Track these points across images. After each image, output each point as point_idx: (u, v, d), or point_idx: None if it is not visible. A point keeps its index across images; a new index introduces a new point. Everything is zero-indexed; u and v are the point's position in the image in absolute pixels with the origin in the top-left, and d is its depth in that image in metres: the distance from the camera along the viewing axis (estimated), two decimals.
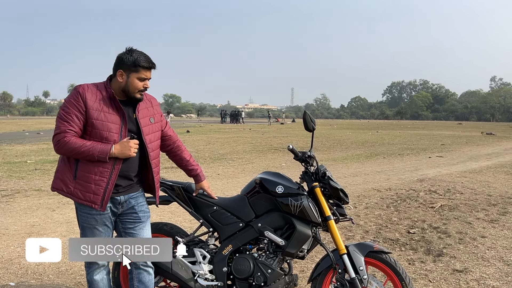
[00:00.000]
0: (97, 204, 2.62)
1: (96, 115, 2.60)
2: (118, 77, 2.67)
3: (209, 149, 16.87)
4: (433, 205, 7.06)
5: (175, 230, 3.30)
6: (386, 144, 20.81)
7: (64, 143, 2.53)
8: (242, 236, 3.05)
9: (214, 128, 37.51)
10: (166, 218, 5.90)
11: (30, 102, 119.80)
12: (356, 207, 7.02)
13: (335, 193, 3.00)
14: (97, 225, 2.71)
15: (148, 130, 2.79)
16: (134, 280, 2.90)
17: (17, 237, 5.21)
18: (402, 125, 53.44)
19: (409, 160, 14.13)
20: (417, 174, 10.69)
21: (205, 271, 3.08)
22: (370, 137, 26.87)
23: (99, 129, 2.60)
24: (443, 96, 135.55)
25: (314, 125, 3.04)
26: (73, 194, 2.62)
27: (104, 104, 2.63)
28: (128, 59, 2.64)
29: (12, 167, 11.19)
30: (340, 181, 9.49)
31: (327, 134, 29.67)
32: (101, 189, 2.61)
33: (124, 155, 2.62)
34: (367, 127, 46.34)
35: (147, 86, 2.72)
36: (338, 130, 37.06)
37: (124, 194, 2.75)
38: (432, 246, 4.97)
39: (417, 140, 23.95)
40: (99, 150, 2.55)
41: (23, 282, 3.92)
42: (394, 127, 47.14)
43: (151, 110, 2.86)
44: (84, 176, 2.60)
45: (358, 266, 2.84)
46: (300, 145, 19.10)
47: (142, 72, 2.65)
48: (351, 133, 31.76)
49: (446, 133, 33.56)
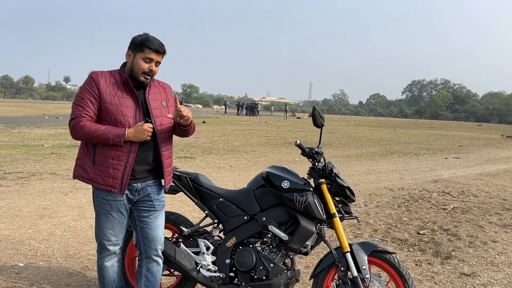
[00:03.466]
0: (116, 188, 2.64)
1: (110, 99, 2.61)
2: (127, 57, 2.70)
3: (224, 141, 16.91)
4: (446, 207, 6.96)
5: (181, 220, 3.31)
6: (402, 143, 20.58)
7: (79, 127, 2.56)
8: (246, 229, 3.05)
9: (230, 119, 37.55)
10: (176, 207, 5.96)
11: (51, 87, 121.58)
12: (367, 205, 6.96)
13: (342, 191, 2.97)
14: (112, 211, 2.73)
15: (159, 113, 2.77)
16: (143, 268, 2.91)
17: (29, 219, 5.31)
18: (420, 124, 52.75)
19: (425, 160, 13.95)
20: (432, 175, 10.55)
21: (208, 262, 3.09)
22: (386, 135, 26.62)
23: (113, 113, 2.61)
24: (464, 97, 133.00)
25: (323, 121, 3.01)
26: (93, 180, 2.65)
27: (117, 89, 2.65)
28: (137, 39, 2.67)
29: (30, 150, 11.39)
30: (352, 179, 9.53)
31: (343, 130, 29.47)
32: (119, 173, 2.63)
33: (138, 139, 2.63)
34: (384, 125, 45.85)
35: (153, 69, 2.69)
36: (355, 127, 36.77)
37: (141, 181, 2.76)
38: (441, 248, 4.91)
39: (435, 140, 23.63)
40: (114, 134, 2.57)
41: (32, 263, 3.99)
42: (412, 126, 46.55)
43: (163, 95, 2.86)
44: (102, 162, 2.63)
45: (361, 265, 2.81)
46: (315, 141, 18.99)
47: (148, 52, 2.64)
48: (368, 130, 31.48)
49: (465, 134, 33.04)
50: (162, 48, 2.69)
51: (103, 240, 2.79)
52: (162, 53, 2.71)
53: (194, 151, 13.03)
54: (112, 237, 2.79)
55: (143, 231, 2.86)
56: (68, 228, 5.01)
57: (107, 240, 2.79)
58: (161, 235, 2.91)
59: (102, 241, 2.80)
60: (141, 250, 2.92)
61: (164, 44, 2.72)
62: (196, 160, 11.26)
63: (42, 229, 4.92)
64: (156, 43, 2.66)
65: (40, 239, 4.62)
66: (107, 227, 2.76)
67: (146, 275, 2.92)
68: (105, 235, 2.78)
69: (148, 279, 2.92)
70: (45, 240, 4.58)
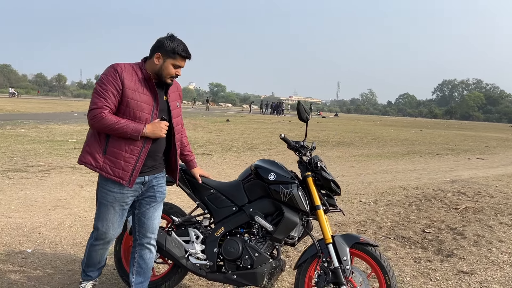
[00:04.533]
0: (125, 180, 2.73)
1: (132, 95, 2.69)
2: (155, 59, 2.75)
3: (244, 139, 17.05)
4: (457, 207, 6.87)
5: (174, 209, 3.43)
6: (426, 143, 20.23)
7: (100, 118, 2.63)
8: (234, 219, 3.15)
9: (254, 118, 37.71)
10: (175, 197, 6.09)
11: (82, 85, 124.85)
12: (376, 204, 6.95)
13: (327, 184, 3.02)
14: (115, 203, 2.82)
15: (176, 114, 2.92)
16: (136, 254, 3.05)
17: (43, 209, 5.55)
18: (449, 125, 51.62)
19: (447, 161, 13.71)
20: (451, 175, 10.38)
21: (197, 250, 3.20)
22: (412, 135, 26.20)
23: (133, 108, 2.70)
24: (497, 97, 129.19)
25: (308, 116, 3.08)
26: (102, 169, 2.72)
27: (139, 85, 2.73)
28: (168, 44, 2.73)
29: (54, 145, 11.80)
30: (367, 178, 9.50)
31: (367, 130, 29.17)
32: (130, 166, 2.72)
33: (155, 135, 2.73)
34: (411, 125, 45.09)
35: (179, 74, 2.81)
36: (380, 126, 36.32)
37: (149, 174, 2.86)
38: (444, 247, 4.88)
39: (461, 141, 23.13)
40: (133, 129, 2.66)
41: (39, 249, 4.20)
42: (440, 126, 45.61)
43: (177, 95, 2.99)
44: (115, 153, 2.71)
45: (342, 256, 2.86)
46: (336, 139, 18.92)
47: (178, 60, 2.75)
48: (393, 130, 31.05)
49: (494, 135, 32.16)
50: (189, 55, 2.81)
51: (102, 230, 2.89)
52: (189, 58, 2.83)
53: (212, 148, 13.20)
54: (110, 230, 2.89)
55: (140, 220, 2.98)
56: (78, 218, 5.22)
57: (105, 232, 2.89)
58: (157, 225, 3.04)
59: (101, 230, 2.90)
60: (135, 237, 3.05)
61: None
62: (213, 157, 11.42)
63: (53, 219, 5.14)
64: (185, 50, 2.77)
65: (50, 227, 4.83)
66: (107, 219, 2.85)
67: (139, 262, 3.05)
68: (103, 226, 2.88)
69: (140, 265, 3.06)
70: (54, 229, 4.79)
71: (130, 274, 3.10)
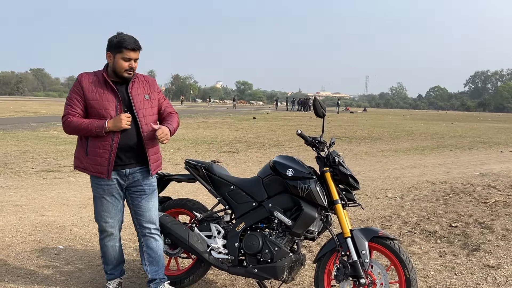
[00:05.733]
0: (103, 174, 2.98)
1: (92, 96, 2.95)
2: (108, 59, 2.99)
3: (270, 136, 17.11)
4: (487, 201, 6.73)
5: (197, 206, 3.54)
6: (457, 137, 19.80)
7: (68, 123, 2.95)
8: (254, 214, 3.21)
9: (280, 115, 37.70)
10: (200, 194, 6.19)
11: None
12: (402, 198, 6.88)
13: (345, 179, 3.05)
14: (105, 194, 3.07)
15: (142, 105, 3.04)
16: (143, 246, 3.22)
17: (74, 207, 5.77)
18: (482, 118, 50.20)
19: (478, 154, 13.39)
20: (481, 169, 10.13)
21: (219, 245, 3.29)
22: (442, 129, 25.65)
23: (96, 108, 2.95)
24: None
25: (324, 111, 3.12)
26: (87, 169, 3.02)
27: (99, 86, 2.98)
28: (113, 41, 2.95)
29: None
30: (395, 173, 9.40)
31: (396, 124, 28.74)
32: (105, 160, 2.96)
33: (118, 128, 2.92)
34: (442, 118, 44.11)
35: (133, 65, 2.97)
36: (410, 121, 35.70)
37: (128, 167, 3.06)
38: (470, 241, 4.80)
39: (493, 134, 22.48)
40: (96, 126, 2.91)
41: (71, 246, 4.39)
42: (473, 119, 44.41)
43: (147, 89, 3.13)
44: (93, 152, 2.98)
45: (361, 250, 2.89)
46: (364, 135, 18.74)
47: (126, 52, 2.92)
48: (423, 124, 30.46)
49: None
50: (137, 46, 2.96)
51: (101, 222, 3.13)
52: (138, 49, 2.97)
53: (238, 146, 13.32)
54: (108, 219, 3.12)
55: (136, 213, 3.17)
56: None
57: (104, 222, 3.13)
58: (155, 216, 3.20)
59: (101, 223, 3.14)
60: (137, 230, 3.23)
61: (138, 40, 2.97)
62: (239, 155, 11.53)
63: (84, 217, 5.34)
64: (131, 42, 2.92)
65: (81, 225, 5.03)
66: (103, 210, 3.10)
67: (147, 252, 3.22)
68: (102, 217, 3.12)
69: (150, 255, 3.22)
70: (85, 226, 4.99)
71: (144, 265, 3.26)
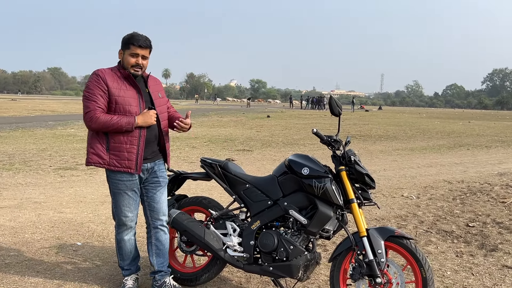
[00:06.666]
0: (132, 169, 3.03)
1: (117, 93, 3.01)
2: (119, 56, 3.10)
3: (284, 134, 17.09)
4: (505, 200, 6.62)
5: (212, 204, 3.56)
6: (474, 135, 19.51)
7: (96, 118, 2.95)
8: (269, 213, 3.22)
9: (295, 114, 37.60)
10: (216, 192, 6.22)
11: None
12: (419, 198, 6.81)
13: (361, 178, 3.04)
14: (127, 190, 3.11)
15: (158, 103, 3.19)
16: (152, 238, 3.30)
17: (92, 204, 5.85)
18: (500, 116, 49.37)
19: (496, 153, 13.18)
20: (499, 168, 9.98)
21: (235, 243, 3.30)
22: (459, 127, 25.30)
23: (122, 104, 3.01)
24: None
25: (340, 110, 3.11)
26: (110, 164, 3.04)
27: (121, 83, 3.05)
28: (123, 39, 3.05)
29: None
30: (410, 172, 9.31)
31: (412, 123, 28.44)
32: (133, 155, 3.02)
33: (146, 124, 3.03)
34: (459, 116, 43.47)
35: (139, 62, 3.05)
36: (426, 119, 35.27)
37: (150, 161, 3.15)
38: (488, 241, 4.74)
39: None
40: (126, 122, 2.96)
41: (88, 243, 4.45)
42: (491, 117, 43.68)
43: (158, 88, 3.28)
44: (117, 147, 3.01)
45: (377, 249, 2.87)
46: (379, 133, 18.59)
47: (133, 48, 3.01)
48: (439, 122, 30.08)
49: None
50: (145, 43, 3.04)
51: (121, 217, 3.17)
52: (147, 47, 3.05)
53: (253, 144, 13.34)
54: (129, 213, 3.17)
55: (150, 205, 3.24)
56: None
57: (124, 217, 3.17)
58: (166, 208, 3.30)
59: (121, 217, 3.18)
60: (149, 222, 3.30)
61: (150, 39, 3.05)
62: (254, 153, 11.55)
63: (101, 214, 5.42)
64: (140, 39, 3.00)
65: (98, 222, 5.10)
66: (124, 205, 3.14)
67: (156, 244, 3.29)
68: (122, 212, 3.16)
69: (158, 247, 3.29)
70: (102, 223, 5.06)
71: (150, 257, 3.32)
